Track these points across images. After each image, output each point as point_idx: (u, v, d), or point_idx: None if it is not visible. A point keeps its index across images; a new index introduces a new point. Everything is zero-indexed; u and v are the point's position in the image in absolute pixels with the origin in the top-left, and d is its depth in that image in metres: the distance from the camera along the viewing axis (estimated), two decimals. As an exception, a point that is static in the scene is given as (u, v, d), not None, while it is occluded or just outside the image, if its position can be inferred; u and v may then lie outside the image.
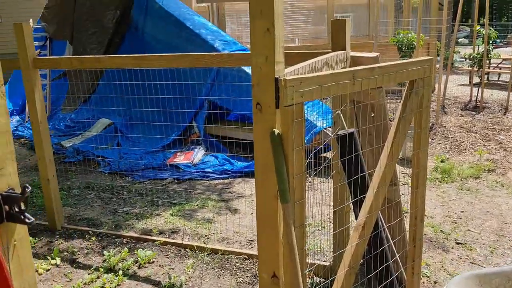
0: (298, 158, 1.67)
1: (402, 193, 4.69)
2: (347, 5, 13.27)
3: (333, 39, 2.72)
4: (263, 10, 1.57)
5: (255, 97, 1.66)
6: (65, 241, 3.78)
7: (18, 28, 3.51)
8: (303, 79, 1.62)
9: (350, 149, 2.26)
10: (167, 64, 3.17)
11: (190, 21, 7.26)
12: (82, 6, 8.69)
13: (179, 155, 6.17)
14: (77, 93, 8.22)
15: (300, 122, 1.65)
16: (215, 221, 4.23)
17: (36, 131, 3.77)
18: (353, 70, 1.81)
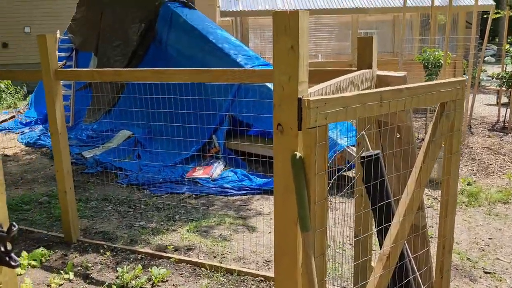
0: (321, 184, 1.57)
1: (427, 216, 4.52)
2: (371, 21, 13.16)
3: (359, 57, 2.62)
4: (287, 26, 1.49)
5: (276, 118, 1.57)
6: (80, 255, 3.73)
7: (41, 40, 3.52)
8: (328, 100, 1.52)
9: (375, 173, 2.14)
10: (187, 79, 3.12)
11: (213, 35, 7.26)
12: (108, 18, 8.81)
13: (198, 170, 6.11)
14: (100, 104, 8.29)
15: (324, 145, 1.55)
16: (232, 239, 4.13)
17: (55, 142, 3.76)
18: (380, 91, 1.71)
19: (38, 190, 5.63)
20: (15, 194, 5.49)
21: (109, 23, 8.78)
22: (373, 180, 2.14)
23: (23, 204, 5.06)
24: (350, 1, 10.09)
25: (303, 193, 1.53)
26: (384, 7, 9.97)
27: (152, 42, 7.95)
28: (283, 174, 1.58)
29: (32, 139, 8.46)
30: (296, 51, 1.50)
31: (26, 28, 18.10)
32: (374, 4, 10.04)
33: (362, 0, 10.15)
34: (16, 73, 3.92)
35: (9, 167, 6.83)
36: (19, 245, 3.91)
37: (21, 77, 3.83)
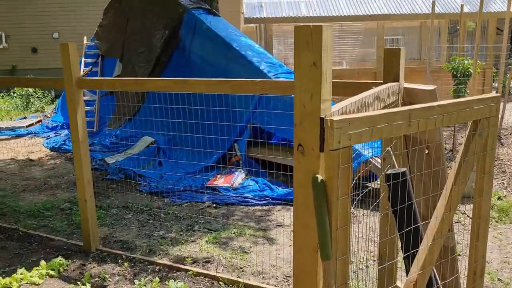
0: (343, 209, 1.47)
1: (455, 232, 4.34)
2: (397, 27, 12.93)
3: (385, 69, 2.51)
4: (309, 41, 1.40)
5: (297, 138, 1.49)
6: (98, 265, 3.70)
7: (64, 48, 3.53)
8: (352, 120, 1.43)
9: (401, 192, 2.03)
10: (207, 89, 3.06)
11: (236, 42, 7.22)
12: (133, 25, 8.88)
13: (219, 178, 6.05)
14: (124, 110, 8.35)
15: (347, 168, 1.46)
16: (251, 252, 4.04)
17: (76, 150, 3.75)
18: (409, 110, 1.61)
19: (61, 196, 5.67)
20: (38, 199, 5.54)
21: (134, 29, 8.85)
22: (399, 200, 2.02)
23: (44, 210, 5.09)
24: (376, 8, 9.92)
25: (324, 219, 1.43)
26: (411, 14, 9.77)
27: (175, 49, 7.96)
28: (303, 198, 1.49)
29: (57, 144, 8.57)
30: (319, 68, 1.41)
31: (55, 34, 18.51)
32: (400, 11, 9.85)
33: (388, 7, 9.97)
34: (39, 81, 3.94)
35: (33, 172, 6.91)
36: (38, 253, 3.92)
37: (44, 85, 3.85)
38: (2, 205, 5.28)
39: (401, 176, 2.02)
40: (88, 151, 3.83)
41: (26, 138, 9.71)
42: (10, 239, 4.27)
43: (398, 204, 2.01)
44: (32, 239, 4.26)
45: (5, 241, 4.19)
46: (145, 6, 8.61)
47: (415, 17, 9.92)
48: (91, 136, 8.70)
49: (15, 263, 3.71)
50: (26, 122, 11.00)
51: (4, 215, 4.99)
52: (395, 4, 10.03)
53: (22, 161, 7.61)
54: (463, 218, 4.68)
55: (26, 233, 4.39)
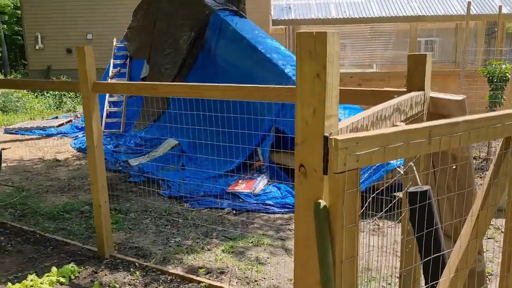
0: (350, 239, 1.30)
1: (486, 249, 4.05)
2: (432, 29, 12.50)
3: (409, 77, 2.30)
4: (312, 50, 1.24)
5: (299, 157, 1.33)
6: (110, 272, 3.63)
7: (79, 52, 3.47)
8: (361, 138, 1.26)
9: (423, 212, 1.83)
10: (221, 95, 2.93)
11: (262, 45, 7.08)
12: (161, 27, 8.88)
13: (241, 183, 5.92)
14: (149, 112, 8.34)
15: (354, 193, 1.28)
16: (268, 263, 3.89)
17: (91, 155, 3.69)
18: (429, 127, 1.42)
19: (82, 198, 5.67)
20: (60, 201, 5.55)
21: (161, 31, 8.84)
22: (422, 223, 1.83)
23: (64, 212, 5.09)
24: (409, 9, 9.58)
25: (327, 251, 1.27)
26: (445, 15, 9.38)
27: (201, 50, 7.90)
28: (305, 225, 1.33)
29: (83, 145, 8.65)
30: (323, 80, 1.24)
31: (89, 35, 18.88)
32: (434, 12, 9.47)
33: (421, 8, 9.61)
34: (55, 83, 3.91)
35: (59, 172, 6.97)
36: (52, 258, 3.88)
37: (61, 87, 3.81)
38: (24, 206, 5.31)
39: (424, 195, 1.83)
40: (103, 156, 3.77)
41: (56, 138, 9.87)
42: (27, 242, 4.26)
43: (419, 227, 1.82)
44: (48, 242, 4.24)
45: (21, 244, 4.19)
46: (172, 8, 8.59)
47: (450, 19, 9.52)
48: (117, 137, 8.75)
49: (28, 268, 3.68)
50: (57, 121, 11.20)
51: (25, 216, 5.01)
52: (429, 5, 9.66)
53: (49, 161, 7.71)
54: (497, 234, 4.38)
55: (43, 236, 4.37)
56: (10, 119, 12.10)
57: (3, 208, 5.23)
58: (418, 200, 1.83)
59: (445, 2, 9.77)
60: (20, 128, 10.43)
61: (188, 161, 6.87)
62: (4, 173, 6.79)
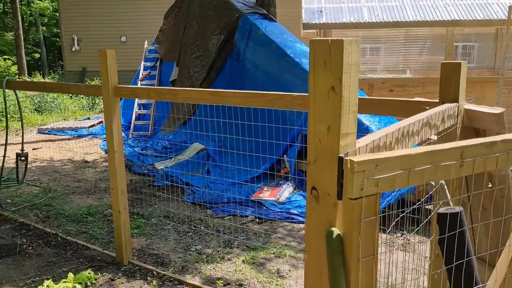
0: (367, 272, 1.15)
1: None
2: (470, 34, 12.03)
3: (442, 87, 2.12)
4: (327, 60, 1.10)
5: (311, 179, 1.19)
6: (127, 281, 3.56)
7: (102, 56, 3.43)
8: (381, 160, 1.11)
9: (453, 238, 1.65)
10: (242, 102, 2.82)
11: (291, 49, 6.94)
12: (191, 30, 8.87)
13: (266, 191, 5.79)
14: (177, 115, 8.33)
15: (373, 222, 1.14)
16: (290, 277, 3.74)
17: (111, 160, 3.65)
18: (461, 147, 1.25)
19: (107, 201, 5.66)
20: (84, 203, 5.57)
21: (191, 34, 8.84)
22: (452, 248, 1.65)
23: (88, 215, 5.08)
24: (446, 13, 9.24)
25: (339, 284, 1.12)
26: (484, 20, 8.99)
27: (229, 54, 7.82)
28: (316, 256, 1.19)
29: (112, 146, 8.72)
30: (339, 94, 1.10)
31: (123, 38, 19.21)
32: (472, 16, 9.09)
33: (459, 12, 9.24)
34: (79, 87, 3.90)
35: (86, 174, 7.03)
36: (71, 263, 3.85)
37: (84, 92, 3.79)
38: (49, 207, 5.35)
39: (455, 217, 1.65)
40: (123, 161, 3.72)
41: (86, 138, 10.01)
42: (47, 245, 4.26)
43: (449, 254, 1.64)
44: (68, 246, 4.23)
45: (42, 247, 4.19)
46: (203, 11, 8.57)
47: (489, 23, 9.11)
48: (145, 140, 8.79)
49: (46, 273, 3.66)
50: (89, 122, 11.38)
51: (49, 218, 5.04)
52: (467, 9, 9.28)
53: (78, 162, 7.79)
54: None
55: (64, 240, 4.36)
56: (44, 119, 12.39)
57: (28, 209, 5.28)
58: (449, 222, 1.65)
59: (484, 6, 9.37)
60: (53, 129, 10.64)
61: (213, 166, 6.80)
62: (34, 173, 6.90)
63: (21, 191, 6.00)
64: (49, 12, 31.36)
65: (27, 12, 30.75)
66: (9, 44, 28.96)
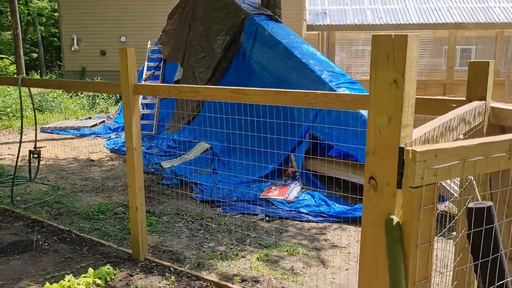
0: (424, 259, 1.20)
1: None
2: (471, 37, 12.16)
3: (470, 85, 2.18)
4: (390, 55, 1.15)
5: (369, 169, 1.24)
6: (145, 276, 3.59)
7: (122, 54, 3.47)
8: (440, 151, 1.16)
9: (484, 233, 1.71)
10: (265, 100, 2.86)
11: (298, 50, 7.00)
12: (195, 31, 8.92)
13: (274, 190, 5.84)
14: (182, 114, 8.37)
15: (431, 210, 1.19)
16: (304, 274, 3.78)
17: (129, 158, 3.68)
18: (510, 140, 1.31)
19: (116, 199, 5.69)
20: (94, 201, 5.59)
21: (196, 35, 8.88)
22: (483, 242, 1.70)
23: (99, 213, 5.11)
24: (448, 16, 9.34)
25: (399, 272, 1.17)
26: (487, 23, 9.10)
27: (235, 55, 7.87)
28: (372, 244, 1.24)
29: (116, 145, 8.74)
30: (401, 87, 1.15)
31: (122, 38, 19.21)
32: (475, 19, 9.20)
33: (461, 14, 9.35)
34: (97, 85, 3.93)
35: (93, 172, 7.05)
36: (88, 259, 3.88)
37: (103, 89, 3.83)
38: (60, 205, 5.37)
39: (488, 212, 1.71)
40: (141, 158, 3.75)
41: (89, 138, 10.02)
42: (63, 241, 4.28)
43: (479, 248, 1.69)
44: (83, 242, 4.25)
45: (58, 243, 4.21)
46: (208, 12, 8.61)
47: (491, 26, 9.22)
48: (149, 139, 8.81)
49: (65, 268, 3.69)
50: (91, 122, 11.38)
51: (61, 215, 5.06)
52: (469, 12, 9.39)
53: (83, 160, 7.81)
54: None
55: (79, 236, 4.39)
56: (46, 118, 12.38)
57: (39, 206, 5.30)
58: (480, 217, 1.71)
59: (486, 9, 9.48)
60: (55, 128, 10.64)
61: (220, 165, 6.84)
62: (41, 171, 6.91)
63: (30, 189, 6.01)
64: (47, 12, 31.31)
65: (25, 12, 30.67)
66: (6, 43, 28.88)
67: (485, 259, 1.67)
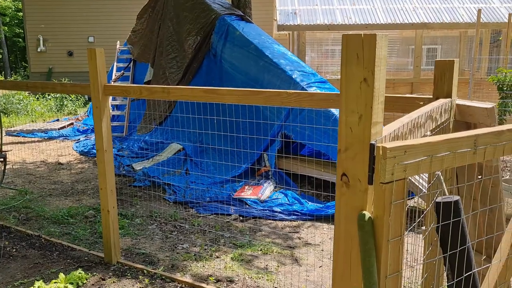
0: (395, 252, 1.23)
1: None
2: (436, 36, 12.48)
3: (436, 83, 2.24)
4: (360, 53, 1.17)
5: (341, 166, 1.26)
6: (118, 279, 3.54)
7: (91, 54, 3.41)
8: (409, 147, 1.19)
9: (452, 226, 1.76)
10: (238, 100, 2.87)
11: (269, 50, 7.03)
12: (165, 31, 8.83)
13: (247, 189, 5.85)
14: (153, 115, 8.28)
15: (401, 204, 1.22)
16: (279, 272, 3.81)
17: (100, 160, 3.62)
18: (475, 135, 1.36)
19: (86, 202, 5.58)
20: (63, 205, 5.47)
21: (166, 35, 8.80)
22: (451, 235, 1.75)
23: (69, 217, 5.00)
24: (415, 16, 9.56)
25: (371, 265, 1.20)
26: (452, 23, 9.36)
27: (206, 55, 7.84)
28: (345, 239, 1.26)
29: (86, 148, 8.57)
30: (371, 85, 1.18)
31: (90, 38, 18.83)
32: (441, 19, 9.45)
33: (427, 15, 9.59)
34: (67, 86, 3.84)
35: (61, 176, 6.89)
36: (58, 264, 3.80)
37: (72, 91, 3.75)
38: (28, 210, 5.23)
39: (455, 206, 1.76)
40: (112, 159, 3.69)
41: (57, 140, 9.79)
42: (32, 246, 4.17)
43: (448, 241, 1.75)
44: (53, 247, 4.16)
45: (26, 249, 4.10)
46: (178, 12, 8.54)
47: (456, 26, 9.50)
48: (120, 141, 8.68)
49: (34, 274, 3.59)
50: (59, 124, 11.12)
51: (29, 220, 4.93)
52: (435, 13, 9.64)
53: (52, 164, 7.62)
54: None
55: (48, 241, 4.29)
56: (11, 121, 12.02)
57: (6, 212, 5.15)
58: (447, 211, 1.76)
59: (451, 10, 9.76)
60: (22, 130, 10.35)
61: (193, 166, 6.80)
62: (7, 176, 6.71)
63: (-4, 194, 5.83)
64: (10, 12, 30.37)
65: (-13, 11, 29.68)
66: (-33, 44, 27.87)
67: (453, 251, 1.73)
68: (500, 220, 2.27)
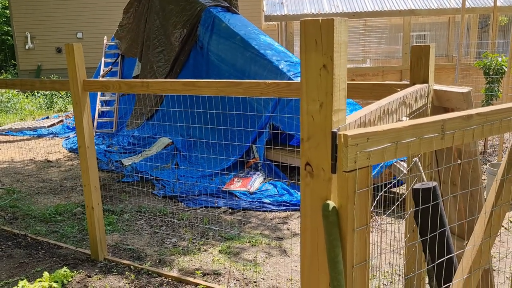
0: (361, 242, 1.21)
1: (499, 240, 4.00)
2: (424, 23, 12.44)
3: (412, 69, 2.22)
4: (318, 39, 1.14)
5: (305, 155, 1.24)
6: (104, 276, 3.52)
7: (69, 50, 3.35)
8: (372, 134, 1.17)
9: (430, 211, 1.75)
10: (217, 92, 2.83)
11: (255, 41, 6.97)
12: (152, 24, 8.75)
13: (236, 182, 5.83)
14: (142, 110, 8.22)
15: (365, 193, 1.20)
16: (267, 264, 3.80)
17: (82, 156, 3.58)
18: (442, 120, 1.33)
19: (74, 200, 5.55)
20: (51, 203, 5.43)
21: (153, 29, 8.71)
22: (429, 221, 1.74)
23: (56, 214, 4.97)
24: (402, 3, 9.52)
25: (337, 256, 1.18)
26: (439, 9, 9.32)
27: (193, 47, 7.77)
28: (311, 230, 1.24)
29: (75, 145, 8.50)
30: (330, 72, 1.15)
31: (79, 34, 18.64)
32: (428, 6, 9.41)
33: (415, 2, 9.54)
34: (45, 83, 3.79)
35: (50, 174, 6.84)
36: (44, 262, 3.77)
37: (50, 87, 3.70)
38: (15, 209, 5.19)
39: (432, 192, 1.75)
40: (95, 156, 3.66)
41: (47, 138, 9.71)
42: (18, 246, 4.14)
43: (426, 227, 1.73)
44: (40, 246, 4.12)
45: (12, 249, 4.07)
46: (164, 4, 8.46)
47: (443, 12, 9.47)
48: (109, 137, 8.62)
49: (19, 273, 3.56)
50: (48, 122, 11.03)
51: (16, 219, 4.89)
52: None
53: (40, 162, 7.56)
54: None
55: (35, 240, 4.25)
56: (0, 120, 11.91)
57: (-7, 212, 5.11)
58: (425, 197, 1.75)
59: (438, -5, 9.73)
60: (10, 129, 10.26)
61: (182, 159, 6.77)
62: (-6, 175, 6.65)
63: (-17, 194, 5.78)
64: (-2, 9, 29.97)
65: (-27, 9, 29.28)
66: (-45, 43, 27.53)
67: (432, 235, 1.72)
68: (480, 204, 2.26)
